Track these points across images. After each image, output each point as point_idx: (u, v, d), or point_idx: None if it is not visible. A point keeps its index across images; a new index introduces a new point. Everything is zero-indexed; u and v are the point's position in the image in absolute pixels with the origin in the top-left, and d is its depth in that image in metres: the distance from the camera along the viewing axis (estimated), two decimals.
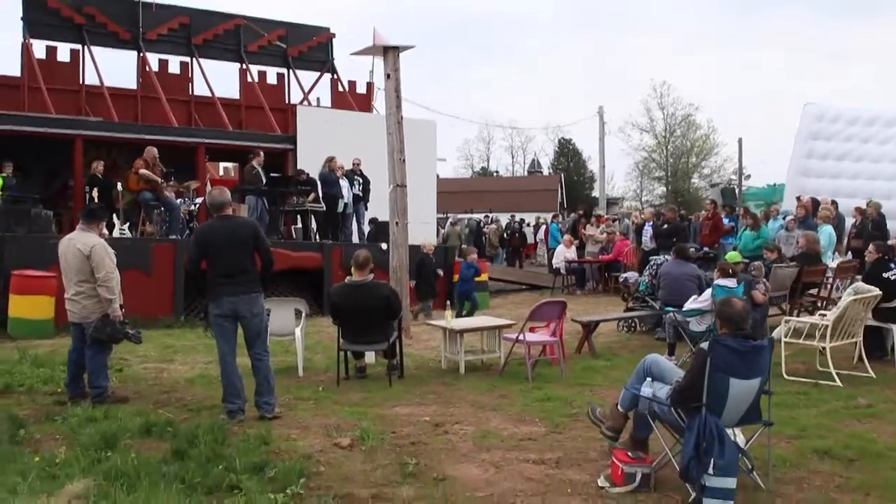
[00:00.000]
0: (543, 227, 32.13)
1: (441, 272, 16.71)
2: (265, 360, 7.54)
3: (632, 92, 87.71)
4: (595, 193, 75.07)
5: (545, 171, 76.98)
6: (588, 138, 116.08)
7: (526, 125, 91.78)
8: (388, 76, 12.04)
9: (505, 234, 29.36)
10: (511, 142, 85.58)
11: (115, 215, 15.50)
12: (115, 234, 14.94)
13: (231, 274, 7.39)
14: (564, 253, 19.95)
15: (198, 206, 17.56)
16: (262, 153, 17.76)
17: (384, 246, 16.89)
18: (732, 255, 11.60)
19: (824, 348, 9.11)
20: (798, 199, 19.29)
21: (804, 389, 8.63)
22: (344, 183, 17.93)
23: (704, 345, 5.53)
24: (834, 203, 19.12)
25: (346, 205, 17.95)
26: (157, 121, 19.60)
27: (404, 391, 8.83)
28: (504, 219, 33.37)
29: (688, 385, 5.49)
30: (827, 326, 9.06)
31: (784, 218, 18.52)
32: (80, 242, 8.09)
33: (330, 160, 17.74)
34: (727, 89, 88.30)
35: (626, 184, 75.27)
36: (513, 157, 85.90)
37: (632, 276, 12.94)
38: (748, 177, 51.99)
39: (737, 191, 53.05)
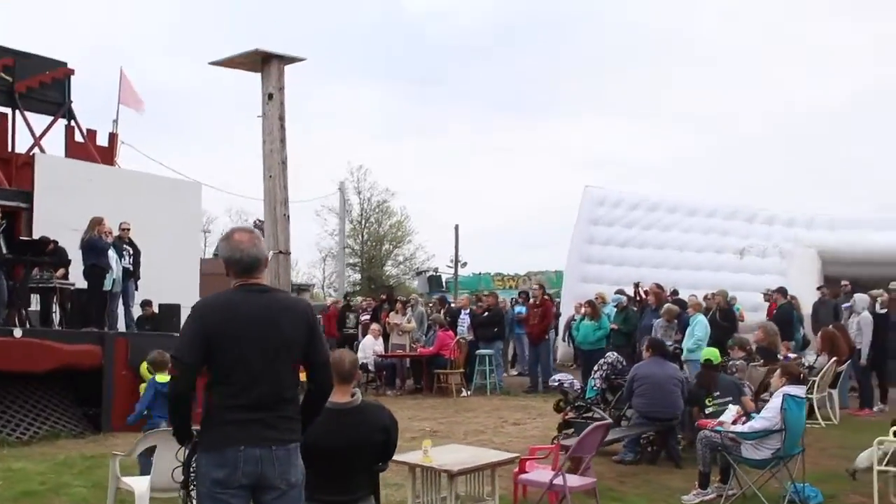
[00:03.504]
0: None
1: None
2: None
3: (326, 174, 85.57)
4: (293, 277, 72.30)
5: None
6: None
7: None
8: (269, 97, 8.66)
9: None
10: None
11: None
12: None
13: (260, 403, 3.86)
14: (373, 345, 16.78)
15: None
16: None
17: None
18: (711, 352, 9.24)
19: None
20: (636, 285, 17.66)
21: None
22: (112, 254, 13.78)
23: None
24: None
25: (114, 281, 13.76)
26: None
27: None
28: None
29: None
30: None
31: (616, 306, 16.80)
32: None
33: (98, 222, 13.50)
34: (418, 177, 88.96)
35: (310, 270, 72.11)
36: None
37: (565, 378, 10.19)
38: (465, 264, 51.32)
39: (442, 278, 52.63)
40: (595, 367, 10.27)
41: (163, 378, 8.17)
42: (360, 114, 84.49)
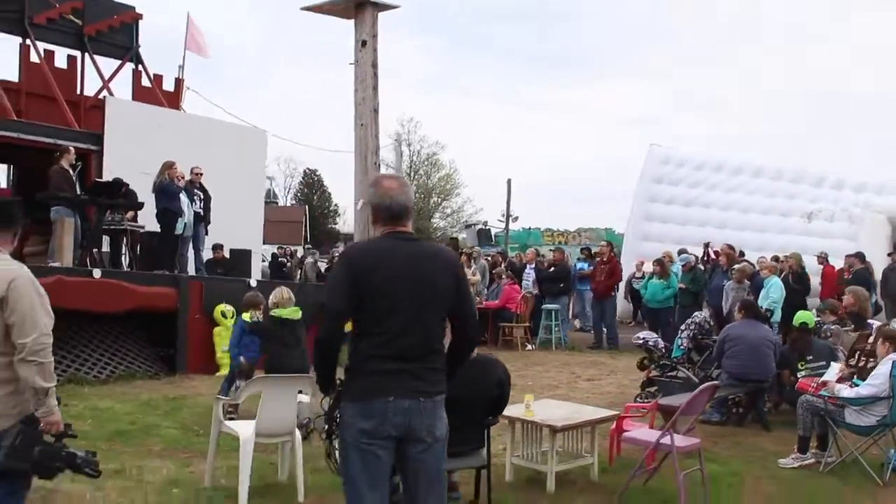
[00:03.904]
0: None
1: None
2: None
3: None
4: (340, 227, 72.41)
5: (281, 202, 73.16)
6: (332, 171, 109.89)
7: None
8: (362, 44, 8.44)
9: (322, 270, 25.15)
10: None
11: None
12: None
13: (410, 354, 3.73)
14: None
15: None
16: (72, 150, 13.25)
17: (252, 282, 13.03)
18: (807, 315, 9.02)
19: None
20: (706, 245, 17.39)
21: None
22: (184, 198, 13.78)
23: None
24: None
25: (185, 225, 13.78)
26: None
27: None
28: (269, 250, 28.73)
29: None
30: None
31: (683, 265, 16.52)
32: None
33: (169, 167, 13.51)
34: (466, 131, 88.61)
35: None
36: None
37: (650, 335, 10.04)
38: (516, 218, 50.91)
39: (492, 232, 52.39)
40: (682, 327, 10.08)
41: (248, 317, 8.35)
42: (411, 66, 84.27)
